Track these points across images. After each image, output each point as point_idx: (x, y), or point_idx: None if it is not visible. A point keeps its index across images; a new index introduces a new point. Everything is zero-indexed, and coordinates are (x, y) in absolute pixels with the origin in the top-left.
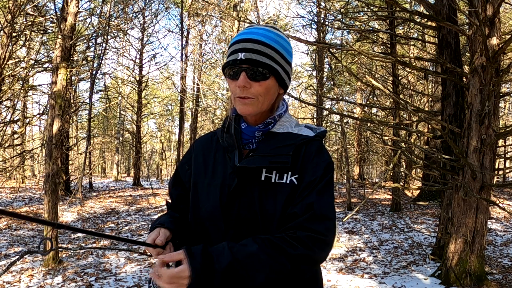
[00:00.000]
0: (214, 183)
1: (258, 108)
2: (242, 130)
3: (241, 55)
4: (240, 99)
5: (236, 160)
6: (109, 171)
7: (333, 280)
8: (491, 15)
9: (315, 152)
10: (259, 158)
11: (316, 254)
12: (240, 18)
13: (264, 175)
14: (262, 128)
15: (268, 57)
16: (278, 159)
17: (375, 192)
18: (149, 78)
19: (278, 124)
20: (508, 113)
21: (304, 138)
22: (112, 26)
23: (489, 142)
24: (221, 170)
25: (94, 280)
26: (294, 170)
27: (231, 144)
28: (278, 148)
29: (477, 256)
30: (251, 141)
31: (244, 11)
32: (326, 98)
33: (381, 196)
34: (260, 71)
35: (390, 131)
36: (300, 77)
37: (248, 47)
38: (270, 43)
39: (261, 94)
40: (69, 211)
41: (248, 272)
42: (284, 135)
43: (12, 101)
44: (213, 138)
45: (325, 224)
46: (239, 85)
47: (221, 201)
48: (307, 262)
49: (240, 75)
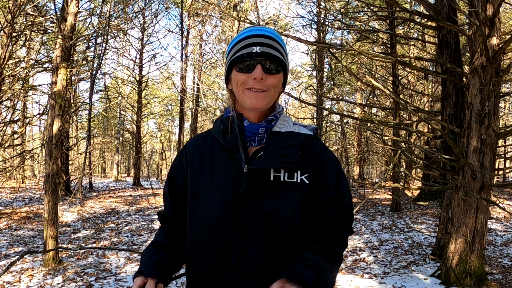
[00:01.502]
0: (215, 186)
1: (269, 101)
2: (245, 128)
3: (256, 49)
4: (253, 92)
5: (243, 161)
6: (109, 171)
7: None
8: (491, 15)
9: (322, 151)
10: (270, 159)
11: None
12: (240, 18)
13: (272, 175)
14: (265, 125)
15: (279, 52)
16: (288, 159)
17: (375, 192)
18: (149, 78)
19: (279, 122)
20: (508, 113)
21: (307, 137)
22: (112, 26)
23: (489, 142)
24: (222, 172)
25: (94, 280)
26: (304, 169)
27: (235, 145)
28: (285, 148)
29: (477, 256)
30: (254, 138)
31: (244, 11)
32: (326, 98)
33: (381, 196)
34: (274, 65)
35: (390, 131)
36: (300, 77)
37: (263, 41)
38: (279, 41)
39: (274, 87)
40: (69, 211)
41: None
42: (287, 134)
43: (12, 101)
44: (206, 139)
45: (350, 232)
46: (257, 77)
47: (226, 204)
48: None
49: (255, 67)
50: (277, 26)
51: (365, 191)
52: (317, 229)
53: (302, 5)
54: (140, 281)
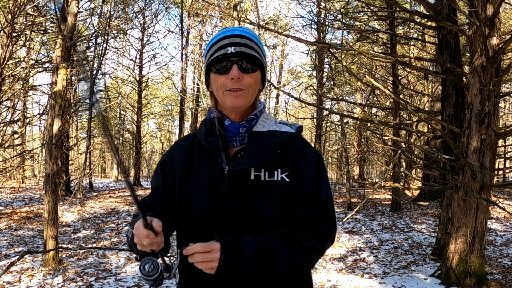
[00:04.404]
0: (201, 187)
1: (248, 100)
2: (226, 127)
3: (231, 49)
4: (232, 92)
5: (224, 163)
6: (109, 171)
7: (333, 280)
8: (491, 15)
9: (302, 148)
10: (249, 159)
11: (325, 246)
12: (240, 18)
13: (253, 174)
14: (246, 125)
15: (254, 51)
16: (268, 158)
17: (375, 192)
18: (149, 78)
19: (260, 122)
20: (508, 113)
21: (287, 135)
22: (112, 26)
23: (489, 142)
24: (206, 173)
25: (94, 280)
26: (283, 167)
27: (216, 146)
28: (265, 147)
29: (477, 256)
30: (235, 138)
31: (244, 11)
32: (326, 98)
33: (381, 196)
34: (250, 63)
35: (390, 131)
36: (300, 77)
37: (237, 41)
38: (253, 39)
39: (251, 86)
40: (69, 211)
41: (272, 261)
42: (268, 134)
43: (12, 101)
44: (193, 141)
45: (331, 222)
46: (234, 77)
47: (211, 205)
48: (317, 253)
49: (232, 68)
50: (277, 26)
51: (365, 191)
52: (291, 226)
53: (302, 5)
54: (142, 222)
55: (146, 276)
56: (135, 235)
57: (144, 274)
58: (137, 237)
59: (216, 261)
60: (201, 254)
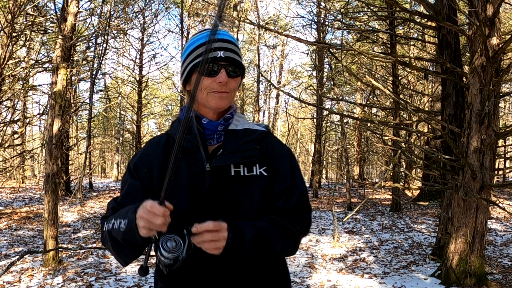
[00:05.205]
0: (182, 185)
1: (230, 102)
2: (204, 126)
3: (220, 53)
4: (217, 93)
5: (205, 160)
6: (109, 171)
7: (333, 280)
8: (491, 15)
9: (276, 144)
10: (231, 155)
11: (305, 233)
12: (240, 18)
13: (233, 170)
14: (223, 123)
15: (239, 57)
16: (248, 153)
17: (375, 192)
18: (149, 78)
19: (235, 120)
20: (508, 113)
21: (261, 132)
22: (112, 26)
23: (489, 142)
24: (185, 171)
25: (94, 280)
26: (261, 162)
27: (196, 144)
28: (244, 144)
29: (477, 256)
30: (213, 136)
31: (244, 11)
32: (326, 98)
33: (381, 196)
34: (236, 69)
35: (390, 131)
36: (300, 77)
37: (225, 46)
38: (236, 44)
39: (234, 90)
40: (69, 211)
41: (268, 242)
42: (243, 131)
43: (12, 101)
44: (168, 140)
45: (309, 212)
46: (222, 81)
47: (193, 202)
48: (300, 238)
49: (220, 71)
50: (277, 26)
51: (365, 191)
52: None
53: (302, 5)
54: (156, 201)
55: (170, 253)
56: (143, 217)
57: (168, 251)
58: (147, 220)
59: (224, 240)
60: (211, 233)
